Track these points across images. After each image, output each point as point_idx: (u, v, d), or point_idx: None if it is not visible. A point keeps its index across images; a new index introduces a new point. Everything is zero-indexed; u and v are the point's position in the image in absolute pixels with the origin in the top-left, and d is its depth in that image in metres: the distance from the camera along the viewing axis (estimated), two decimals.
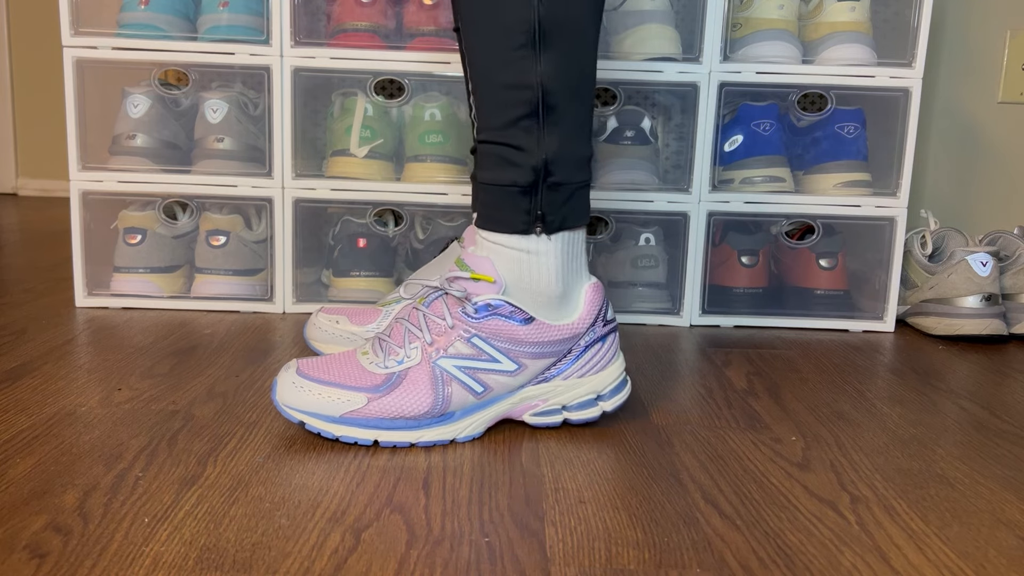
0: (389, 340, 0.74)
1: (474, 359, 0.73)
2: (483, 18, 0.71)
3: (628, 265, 1.20)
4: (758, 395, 0.90)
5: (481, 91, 0.73)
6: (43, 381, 0.85)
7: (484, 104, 0.73)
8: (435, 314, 0.74)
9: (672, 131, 1.29)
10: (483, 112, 0.74)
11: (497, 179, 0.74)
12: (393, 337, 0.74)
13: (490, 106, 0.73)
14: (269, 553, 0.54)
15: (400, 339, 0.74)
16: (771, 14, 1.16)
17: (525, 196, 0.73)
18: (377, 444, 0.72)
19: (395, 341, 0.74)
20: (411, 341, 0.74)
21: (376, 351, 0.74)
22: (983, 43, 1.48)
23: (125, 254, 1.17)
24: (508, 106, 0.72)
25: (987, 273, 1.15)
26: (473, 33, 0.72)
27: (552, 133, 0.72)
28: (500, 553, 0.55)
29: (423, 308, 0.75)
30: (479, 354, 0.73)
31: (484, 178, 0.75)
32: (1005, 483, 0.69)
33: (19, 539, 0.54)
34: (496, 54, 0.71)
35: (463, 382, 0.73)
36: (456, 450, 0.72)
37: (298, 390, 0.72)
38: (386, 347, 0.74)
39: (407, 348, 0.74)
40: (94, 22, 1.14)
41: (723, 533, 0.58)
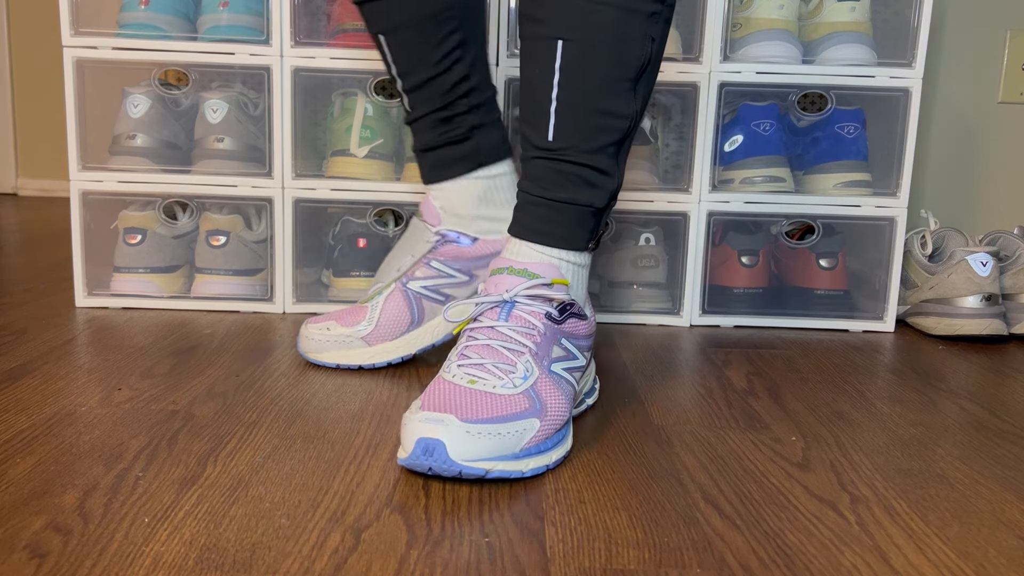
0: (492, 362, 0.68)
1: (566, 360, 0.73)
2: (603, 48, 0.71)
3: (628, 265, 1.20)
4: (758, 395, 0.90)
5: (570, 112, 0.73)
6: (43, 381, 0.85)
7: (570, 124, 0.73)
8: (521, 325, 0.71)
9: (672, 131, 1.29)
10: (566, 131, 0.73)
11: (575, 199, 0.74)
12: (494, 357, 0.69)
13: (579, 128, 0.73)
14: (269, 553, 0.54)
15: (505, 357, 0.69)
16: (771, 14, 1.16)
17: (595, 217, 0.76)
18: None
19: (502, 360, 0.69)
20: (518, 355, 0.70)
21: (490, 375, 0.68)
22: (983, 43, 1.48)
23: (125, 254, 1.17)
24: (601, 131, 0.74)
25: (987, 273, 1.15)
26: (583, 57, 0.72)
27: (623, 162, 0.77)
28: (500, 553, 0.55)
29: (502, 323, 0.71)
30: (568, 355, 0.73)
31: (558, 196, 0.75)
32: (1005, 483, 0.69)
33: (19, 539, 0.54)
34: (605, 83, 0.72)
35: (571, 383, 0.72)
36: None
37: (475, 438, 0.62)
38: (499, 369, 0.68)
39: (520, 362, 0.69)
40: (94, 22, 1.14)
41: (723, 533, 0.58)
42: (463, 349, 0.70)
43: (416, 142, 0.93)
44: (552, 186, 0.75)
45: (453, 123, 0.91)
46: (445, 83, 0.89)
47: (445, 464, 0.62)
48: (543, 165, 0.75)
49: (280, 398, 0.83)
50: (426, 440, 0.62)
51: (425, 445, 0.62)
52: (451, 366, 0.69)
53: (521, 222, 0.76)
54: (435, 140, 0.91)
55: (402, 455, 0.64)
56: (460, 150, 0.91)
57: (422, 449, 0.62)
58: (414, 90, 0.90)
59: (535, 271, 0.73)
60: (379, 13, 0.88)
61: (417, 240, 0.92)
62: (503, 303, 0.72)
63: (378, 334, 0.89)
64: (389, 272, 0.92)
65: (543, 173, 0.75)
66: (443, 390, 0.66)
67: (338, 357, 0.91)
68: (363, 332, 0.90)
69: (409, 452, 0.63)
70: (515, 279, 0.72)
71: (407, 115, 0.93)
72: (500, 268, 0.74)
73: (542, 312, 0.72)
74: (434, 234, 0.91)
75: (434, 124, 0.91)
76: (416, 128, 0.93)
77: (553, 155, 0.74)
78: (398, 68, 0.89)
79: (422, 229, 0.92)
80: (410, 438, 0.63)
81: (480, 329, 0.72)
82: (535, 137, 0.75)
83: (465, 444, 0.62)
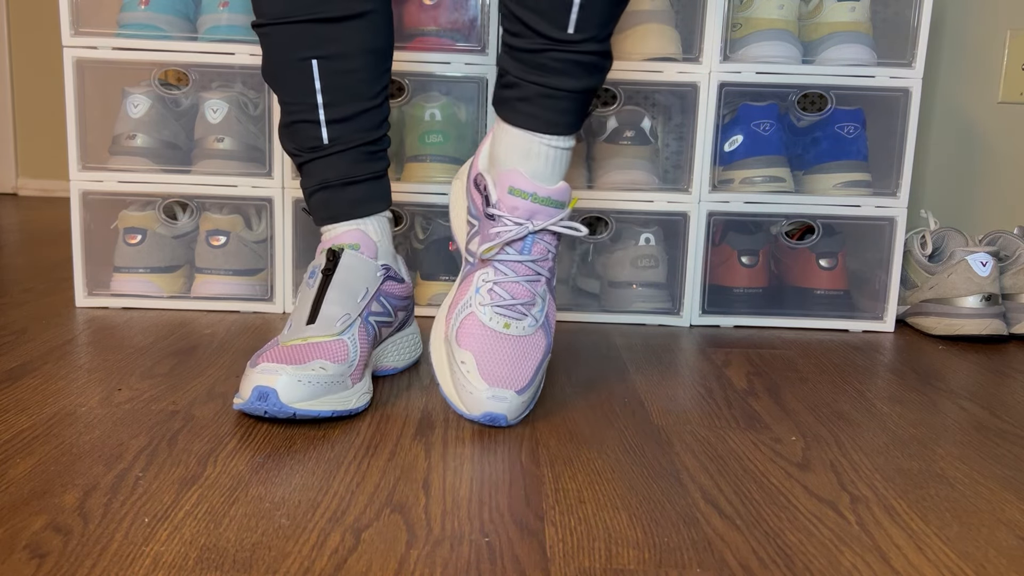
0: (523, 302, 0.79)
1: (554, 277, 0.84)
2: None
3: (628, 265, 1.20)
4: (758, 395, 0.90)
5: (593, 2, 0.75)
6: (43, 381, 0.85)
7: (592, 15, 0.75)
8: (541, 256, 0.80)
9: (672, 131, 1.29)
10: (587, 23, 0.75)
11: (589, 86, 0.80)
12: (524, 293, 0.80)
13: (597, 17, 0.76)
14: (269, 553, 0.54)
15: (528, 293, 0.79)
16: (771, 14, 1.16)
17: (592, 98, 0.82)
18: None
19: (527, 297, 0.80)
20: (538, 284, 0.80)
21: (521, 312, 0.79)
22: (983, 43, 1.48)
23: (125, 254, 1.17)
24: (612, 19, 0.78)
25: (987, 273, 1.15)
26: None
27: None
28: (500, 553, 0.55)
29: (526, 258, 0.80)
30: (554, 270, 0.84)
31: (576, 87, 0.78)
32: (1005, 483, 0.69)
33: (19, 539, 0.54)
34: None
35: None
36: (456, 450, 0.72)
37: (526, 403, 0.78)
38: (527, 305, 0.80)
39: (539, 295, 0.80)
40: (94, 22, 1.14)
41: (723, 533, 0.58)
42: (495, 285, 0.80)
43: (327, 175, 0.87)
44: (570, 78, 0.77)
45: (377, 157, 0.89)
46: (376, 117, 0.88)
47: (504, 424, 0.77)
48: (560, 57, 0.77)
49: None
50: (492, 413, 0.76)
51: (491, 417, 0.76)
52: (486, 306, 0.79)
53: (530, 113, 0.79)
54: (359, 172, 0.87)
55: (464, 410, 0.77)
56: (383, 186, 0.90)
57: (489, 418, 0.76)
58: (340, 121, 0.86)
59: (557, 198, 0.79)
60: (327, 38, 0.83)
61: (367, 272, 0.85)
62: (527, 236, 0.80)
63: (356, 373, 0.80)
64: (348, 303, 0.82)
65: (559, 65, 0.77)
66: (486, 340, 0.78)
67: (334, 403, 0.77)
68: (351, 370, 0.79)
69: (476, 415, 0.76)
70: (541, 209, 0.79)
71: (315, 149, 0.86)
72: (523, 192, 0.79)
73: (555, 241, 0.82)
74: (380, 267, 0.86)
75: (358, 157, 0.87)
76: (330, 161, 0.87)
77: (572, 47, 0.76)
78: (325, 97, 0.84)
79: (364, 261, 0.85)
80: (478, 405, 0.76)
81: (508, 263, 0.80)
82: (550, 30, 0.75)
83: (518, 410, 0.77)
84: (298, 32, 0.83)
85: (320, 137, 0.86)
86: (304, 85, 0.84)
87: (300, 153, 0.88)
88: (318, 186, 0.88)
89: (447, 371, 0.81)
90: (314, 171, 0.88)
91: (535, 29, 0.76)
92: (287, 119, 0.87)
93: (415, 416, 0.79)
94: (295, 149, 0.88)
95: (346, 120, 0.86)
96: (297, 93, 0.85)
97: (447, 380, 0.80)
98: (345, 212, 0.88)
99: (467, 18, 1.17)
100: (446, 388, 0.80)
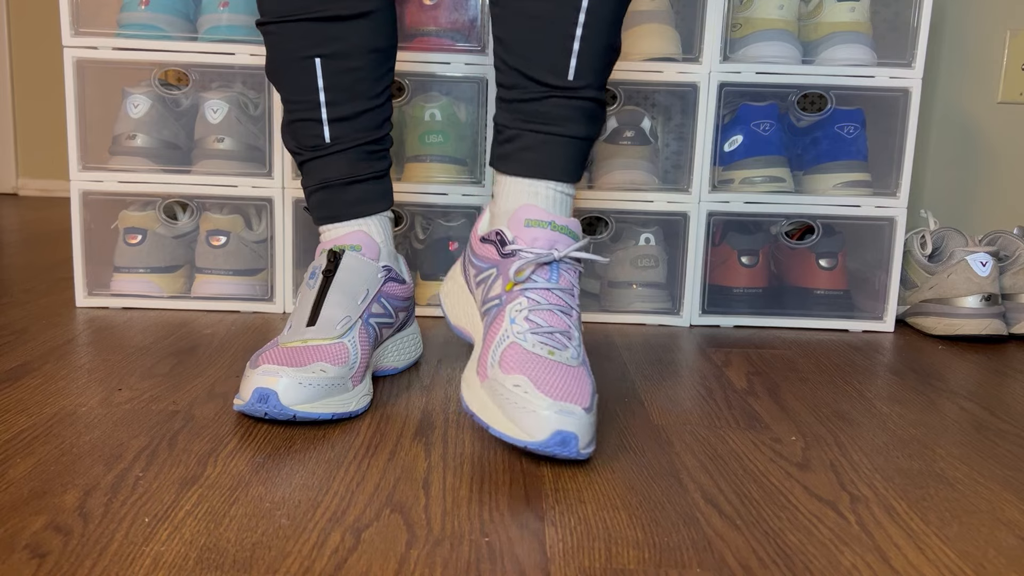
0: (561, 331, 0.72)
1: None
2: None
3: (628, 265, 1.20)
4: (758, 395, 0.90)
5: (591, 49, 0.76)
6: (43, 381, 0.85)
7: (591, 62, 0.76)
8: (567, 289, 0.75)
9: (672, 131, 1.29)
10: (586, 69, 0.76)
11: (590, 133, 0.79)
12: (560, 323, 0.73)
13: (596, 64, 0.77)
14: (269, 553, 0.54)
15: (565, 324, 0.73)
16: (771, 14, 1.16)
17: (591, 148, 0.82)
18: None
19: (563, 327, 0.73)
20: (571, 317, 0.74)
21: (563, 342, 0.72)
22: (983, 43, 1.48)
23: (125, 254, 1.17)
24: (609, 65, 0.78)
25: (987, 273, 1.15)
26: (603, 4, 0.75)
27: None
28: (500, 553, 0.55)
29: (555, 287, 0.74)
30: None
31: (578, 133, 0.78)
32: (1005, 483, 0.69)
33: (19, 539, 0.54)
34: (616, 18, 0.76)
35: None
36: (456, 450, 0.72)
37: (592, 426, 0.68)
38: (566, 336, 0.73)
39: (574, 327, 0.74)
40: (94, 22, 1.14)
41: (723, 533, 0.58)
42: (530, 314, 0.72)
43: (327, 174, 0.87)
44: (571, 124, 0.77)
45: (379, 156, 0.89)
46: (378, 116, 0.88)
47: (574, 453, 0.66)
48: (561, 103, 0.77)
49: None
50: (564, 433, 0.65)
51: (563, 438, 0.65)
52: (526, 333, 0.71)
53: (534, 161, 0.78)
54: (361, 172, 0.87)
55: (522, 437, 0.66)
56: (384, 186, 0.90)
57: (559, 440, 0.65)
58: (342, 120, 0.85)
59: (574, 229, 0.77)
60: (330, 36, 0.83)
61: (368, 274, 0.84)
62: (552, 264, 0.75)
63: (357, 375, 0.80)
64: (349, 305, 0.82)
65: (559, 112, 0.77)
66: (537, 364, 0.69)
67: (335, 405, 0.77)
68: (351, 372, 0.79)
69: (541, 439, 0.65)
70: (560, 236, 0.75)
71: (317, 148, 0.86)
72: (541, 221, 0.76)
73: (578, 273, 0.77)
74: (381, 268, 0.86)
75: (360, 156, 0.87)
76: (331, 160, 0.86)
77: (572, 93, 0.76)
78: (328, 96, 0.84)
79: (366, 263, 0.84)
80: (544, 428, 0.65)
81: (539, 291, 0.74)
82: (549, 77, 0.76)
83: (587, 433, 0.66)
84: (302, 30, 0.83)
85: (322, 135, 0.86)
86: (307, 83, 0.84)
87: (301, 151, 0.88)
88: (319, 185, 0.87)
89: (494, 408, 0.68)
90: (315, 170, 0.87)
91: (534, 78, 0.76)
92: (289, 117, 0.87)
93: (415, 416, 0.79)
94: (296, 147, 0.88)
95: (348, 119, 0.86)
96: (300, 91, 0.85)
97: (496, 415, 0.68)
98: (346, 212, 0.88)
99: (467, 18, 1.17)
100: (498, 424, 0.67)
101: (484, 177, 1.17)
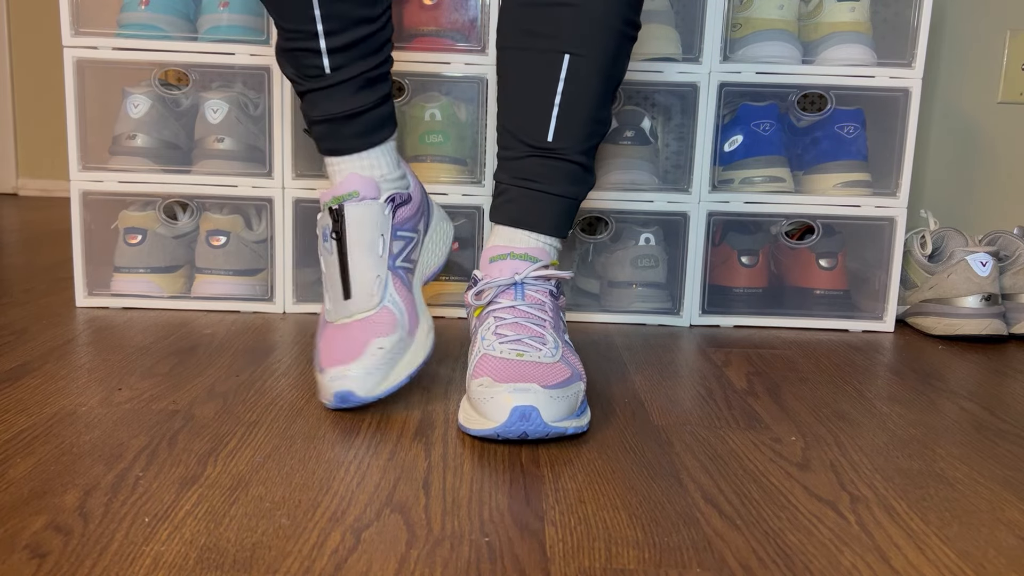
0: (527, 336, 0.77)
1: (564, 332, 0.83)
2: (602, 64, 0.81)
3: (628, 265, 1.20)
4: (758, 395, 0.90)
5: (571, 117, 0.82)
6: (43, 381, 0.85)
7: (570, 128, 0.82)
8: (535, 303, 0.80)
9: (672, 131, 1.29)
10: (564, 134, 0.82)
11: (567, 192, 0.85)
12: (526, 332, 0.78)
13: (576, 132, 0.83)
14: (269, 553, 0.54)
15: (535, 332, 0.78)
16: (771, 14, 1.16)
17: (576, 208, 0.87)
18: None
19: (533, 335, 0.78)
20: (544, 328, 0.79)
21: (531, 348, 0.76)
22: (983, 43, 1.48)
23: (125, 254, 1.17)
24: (593, 135, 0.84)
25: (987, 273, 1.15)
26: (586, 71, 0.81)
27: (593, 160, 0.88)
28: (500, 553, 0.55)
29: (520, 302, 0.80)
30: (562, 326, 0.83)
31: (553, 190, 0.84)
32: (1005, 483, 0.69)
33: (19, 539, 0.54)
34: (600, 94, 0.82)
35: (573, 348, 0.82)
36: (456, 450, 0.72)
37: (557, 401, 0.71)
38: (535, 342, 0.77)
39: (548, 333, 0.78)
40: (94, 22, 1.14)
41: (723, 533, 0.58)
42: (497, 328, 0.78)
43: (329, 107, 0.84)
44: (547, 181, 0.83)
45: (381, 82, 0.85)
46: (378, 40, 0.83)
47: (539, 427, 0.70)
48: (539, 162, 0.83)
49: (280, 398, 0.83)
50: (521, 408, 0.69)
51: (521, 412, 0.69)
52: (493, 344, 0.77)
53: (513, 212, 0.84)
54: (363, 103, 0.83)
55: (490, 425, 0.70)
56: (387, 109, 0.86)
57: (519, 416, 0.69)
58: (342, 50, 0.81)
59: (534, 255, 0.83)
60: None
61: (376, 218, 0.83)
62: (515, 285, 0.81)
63: (411, 323, 0.82)
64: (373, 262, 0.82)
65: (539, 169, 0.83)
66: (502, 364, 0.74)
67: (407, 366, 0.81)
68: (405, 328, 0.81)
69: (503, 420, 0.69)
70: (520, 263, 0.82)
71: (317, 79, 0.82)
72: (502, 255, 0.82)
73: (547, 290, 0.82)
74: (385, 203, 0.83)
75: (362, 85, 0.83)
76: (332, 92, 0.83)
77: (551, 154, 0.83)
78: (326, 25, 0.80)
79: (368, 207, 0.82)
80: (502, 408, 0.69)
81: (503, 309, 0.80)
82: (530, 137, 0.83)
83: (551, 407, 0.70)
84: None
85: (322, 67, 0.82)
86: (303, 12, 0.80)
87: (301, 80, 0.84)
88: (321, 118, 0.84)
89: (472, 412, 0.74)
90: (317, 101, 0.84)
91: (520, 138, 0.83)
92: (286, 44, 0.83)
93: (415, 416, 0.79)
94: (296, 76, 0.84)
95: (348, 48, 0.82)
96: (296, 20, 0.81)
97: (472, 416, 0.74)
98: (348, 145, 0.85)
99: (467, 18, 1.17)
100: (473, 423, 0.73)
101: (484, 177, 1.17)
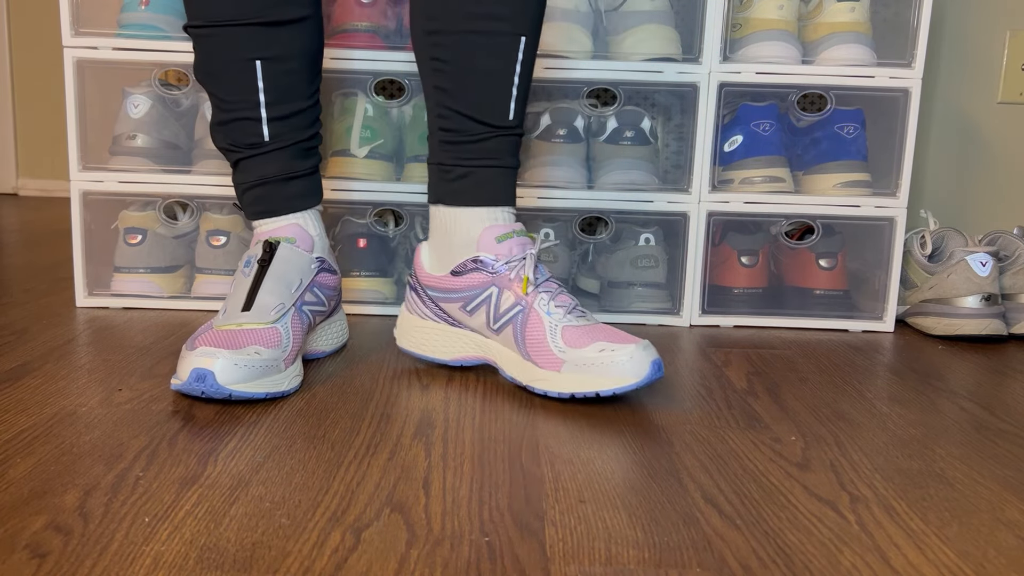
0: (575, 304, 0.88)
1: None
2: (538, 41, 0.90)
3: (628, 265, 1.20)
4: (758, 395, 0.90)
5: (523, 93, 0.89)
6: (43, 381, 0.85)
7: (523, 104, 0.90)
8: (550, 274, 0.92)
9: (672, 131, 1.29)
10: (520, 110, 0.89)
11: (519, 162, 0.93)
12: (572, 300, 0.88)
13: (524, 105, 0.90)
14: (269, 553, 0.54)
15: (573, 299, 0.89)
16: (771, 14, 1.16)
17: None
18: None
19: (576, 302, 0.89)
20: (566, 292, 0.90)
21: (585, 313, 0.88)
22: (983, 43, 1.48)
23: (125, 254, 1.17)
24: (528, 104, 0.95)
25: (987, 273, 1.15)
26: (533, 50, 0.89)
27: None
28: (500, 553, 0.55)
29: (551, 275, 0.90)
30: None
31: (514, 164, 0.91)
32: (1005, 483, 0.69)
33: (19, 539, 0.54)
34: (533, 67, 0.90)
35: None
36: (456, 450, 0.72)
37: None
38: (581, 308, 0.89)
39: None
40: (94, 22, 1.14)
41: (723, 533, 0.58)
42: (554, 302, 0.86)
43: (266, 171, 0.91)
44: (508, 156, 0.90)
45: (312, 153, 0.94)
46: (312, 115, 0.93)
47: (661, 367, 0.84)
48: (506, 140, 0.89)
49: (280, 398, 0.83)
50: (653, 359, 0.82)
51: (653, 362, 0.82)
52: (565, 316, 0.85)
53: (490, 192, 0.89)
54: (297, 168, 0.92)
55: (632, 380, 0.81)
56: (317, 180, 0.95)
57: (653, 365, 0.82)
58: (280, 119, 0.90)
59: (523, 229, 0.91)
60: (271, 40, 0.88)
61: (302, 265, 0.89)
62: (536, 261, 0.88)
63: (289, 357, 0.84)
64: (283, 293, 0.87)
65: (502, 147, 0.89)
66: (588, 330, 0.84)
67: (268, 385, 0.81)
68: (284, 355, 0.83)
69: (646, 372, 0.81)
70: (523, 239, 0.89)
71: (255, 147, 0.90)
72: (507, 233, 0.88)
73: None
74: (315, 260, 0.91)
75: (296, 154, 0.92)
76: (268, 158, 0.91)
77: (514, 131, 0.90)
78: (268, 96, 0.89)
79: (299, 254, 0.89)
80: (642, 362, 0.81)
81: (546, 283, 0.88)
82: (493, 118, 0.88)
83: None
84: (245, 34, 0.87)
85: (261, 134, 0.90)
86: (247, 84, 0.88)
87: (238, 149, 0.91)
88: (256, 182, 0.92)
89: (591, 377, 0.82)
90: (252, 167, 0.91)
91: (480, 120, 0.87)
92: (224, 116, 0.90)
93: (415, 416, 0.79)
94: (231, 145, 0.91)
95: (286, 118, 0.90)
96: (239, 92, 0.89)
97: (597, 381, 0.82)
98: (283, 206, 0.92)
99: None
100: (603, 385, 0.82)
101: None
